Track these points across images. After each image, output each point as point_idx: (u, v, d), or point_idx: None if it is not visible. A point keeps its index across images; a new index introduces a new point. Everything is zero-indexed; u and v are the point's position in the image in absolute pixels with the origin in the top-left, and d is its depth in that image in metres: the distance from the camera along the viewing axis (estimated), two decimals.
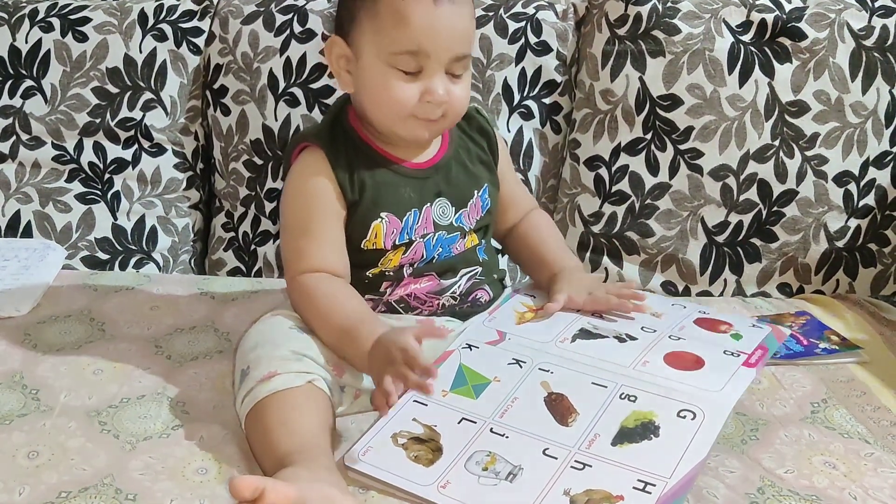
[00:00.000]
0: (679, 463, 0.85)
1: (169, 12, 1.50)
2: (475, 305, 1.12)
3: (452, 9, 0.98)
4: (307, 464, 0.86)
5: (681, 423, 0.89)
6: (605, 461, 0.86)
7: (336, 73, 1.05)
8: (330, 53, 1.04)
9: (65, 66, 1.48)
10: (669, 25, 1.40)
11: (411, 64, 0.98)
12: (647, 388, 0.93)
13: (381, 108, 1.02)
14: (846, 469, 0.95)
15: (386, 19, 0.97)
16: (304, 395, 0.93)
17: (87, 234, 1.46)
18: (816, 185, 1.42)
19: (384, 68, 0.99)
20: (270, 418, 0.92)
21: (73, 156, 1.48)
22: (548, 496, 0.83)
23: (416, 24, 0.96)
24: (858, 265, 1.45)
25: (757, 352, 1.00)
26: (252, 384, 0.94)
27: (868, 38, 1.40)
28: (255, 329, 1.02)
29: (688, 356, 0.98)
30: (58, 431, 0.96)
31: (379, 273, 1.06)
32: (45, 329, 1.19)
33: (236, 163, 1.49)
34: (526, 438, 0.90)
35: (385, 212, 1.04)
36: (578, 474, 0.85)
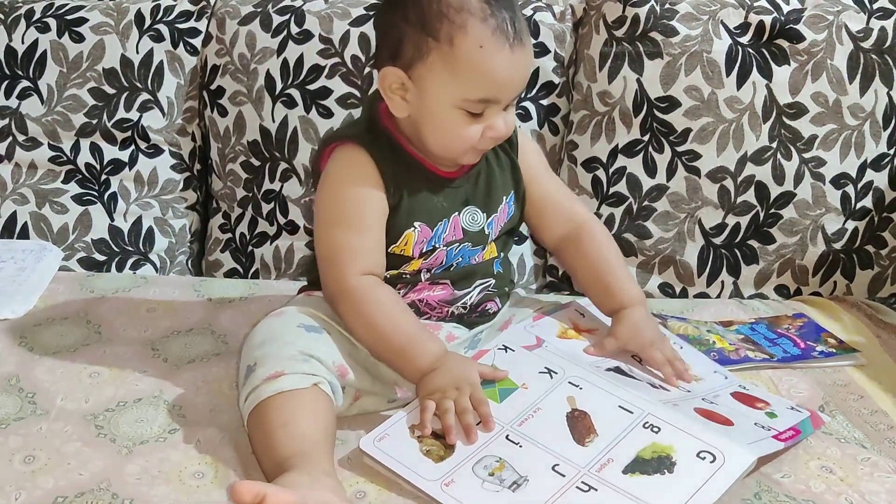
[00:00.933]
0: (686, 503, 0.84)
1: (166, 13, 1.50)
2: (483, 315, 1.12)
3: (525, 55, 0.98)
4: (307, 468, 0.86)
5: (698, 464, 0.87)
6: (612, 488, 0.85)
7: (389, 98, 1.00)
8: (384, 81, 0.99)
9: (61, 67, 1.47)
10: (667, 27, 1.40)
11: (480, 108, 0.98)
12: (674, 421, 0.91)
13: (444, 142, 1.01)
14: (843, 474, 0.95)
15: (463, 69, 0.95)
16: (308, 397, 0.93)
17: (84, 236, 1.46)
18: (814, 188, 1.42)
19: (452, 110, 0.97)
20: (273, 419, 0.91)
21: (69, 157, 1.47)
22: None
23: (496, 76, 0.95)
24: (856, 267, 1.45)
25: (789, 431, 0.96)
26: (257, 382, 0.94)
27: (866, 40, 1.40)
28: (264, 325, 1.01)
29: (718, 416, 0.96)
30: (54, 435, 0.96)
31: (396, 275, 1.06)
32: (42, 332, 1.19)
33: (233, 164, 1.49)
34: (539, 451, 0.89)
35: (419, 221, 1.03)
36: (582, 496, 0.84)
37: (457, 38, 0.94)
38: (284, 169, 1.46)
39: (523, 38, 0.96)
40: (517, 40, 0.95)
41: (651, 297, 1.44)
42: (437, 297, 1.07)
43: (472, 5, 0.94)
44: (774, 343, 1.23)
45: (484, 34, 0.94)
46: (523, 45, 0.96)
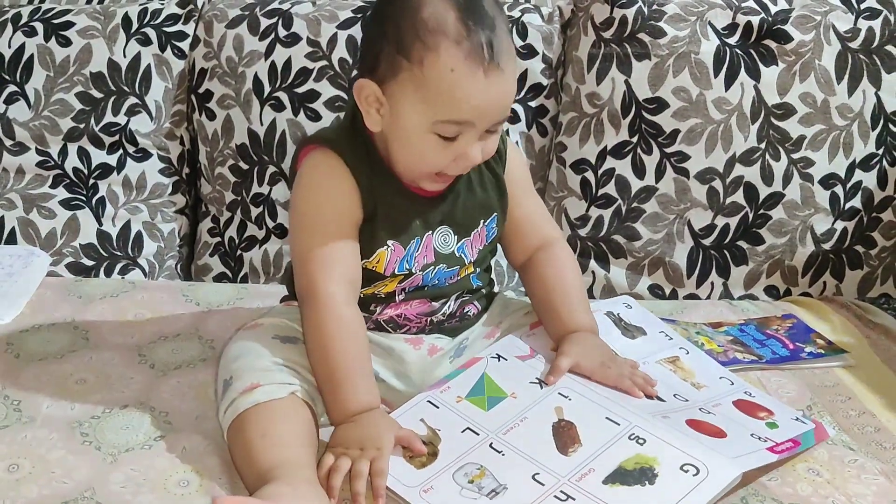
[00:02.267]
0: None
1: (153, 16, 1.50)
2: (464, 319, 1.10)
3: (502, 80, 0.92)
4: (288, 478, 0.85)
5: (680, 477, 0.85)
6: (591, 497, 0.84)
7: (364, 111, 0.96)
8: (359, 93, 0.96)
9: (48, 71, 1.47)
10: (655, 28, 1.40)
11: (453, 132, 0.93)
12: (660, 433, 0.90)
13: (409, 163, 0.97)
14: (830, 476, 0.95)
15: (434, 92, 0.91)
16: (286, 407, 0.93)
17: (72, 241, 1.46)
18: (803, 188, 1.42)
19: (423, 133, 0.93)
20: (252, 431, 0.91)
21: (57, 161, 1.47)
22: None
23: (467, 102, 0.91)
24: (845, 267, 1.46)
25: (787, 443, 0.93)
26: (234, 395, 0.93)
27: (854, 40, 1.40)
28: (238, 338, 1.02)
29: (711, 427, 0.94)
30: (39, 443, 0.96)
31: (371, 294, 1.04)
32: (28, 338, 1.18)
33: (222, 167, 1.49)
34: (520, 459, 0.88)
35: (392, 240, 1.01)
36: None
37: (427, 60, 0.90)
38: (273, 172, 1.46)
39: (501, 62, 0.91)
40: (494, 65, 0.90)
41: (641, 298, 1.43)
42: (416, 310, 1.06)
43: (448, 26, 0.89)
44: (763, 344, 1.23)
45: (456, 58, 0.89)
46: (501, 69, 0.91)
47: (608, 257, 1.45)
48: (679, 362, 1.09)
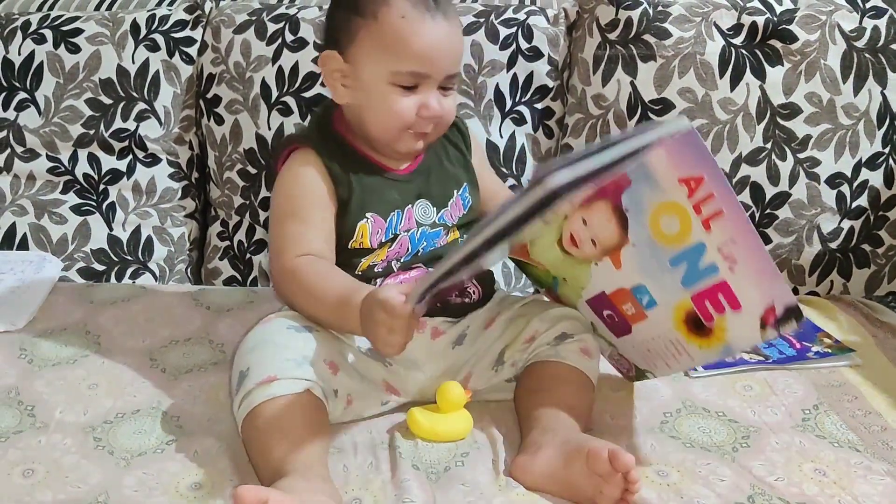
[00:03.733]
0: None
1: (161, 22, 1.51)
2: (464, 297, 1.12)
3: (449, 29, 1.03)
4: (303, 473, 0.87)
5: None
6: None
7: (331, 86, 1.07)
8: (325, 66, 1.07)
9: (58, 78, 1.48)
10: (660, 29, 1.40)
11: (410, 81, 1.02)
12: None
13: (380, 121, 1.05)
14: (836, 476, 0.96)
15: (389, 40, 1.01)
16: (301, 402, 0.94)
17: (83, 246, 1.47)
18: (809, 187, 1.42)
19: (385, 86, 1.03)
20: (267, 424, 0.93)
21: (67, 167, 1.48)
22: None
23: (419, 45, 1.01)
24: (852, 266, 1.46)
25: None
26: (250, 387, 0.95)
27: (859, 39, 1.40)
28: (256, 330, 1.03)
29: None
30: (53, 448, 0.97)
31: (367, 268, 1.07)
32: (41, 343, 1.20)
33: (230, 172, 1.50)
34: None
35: (370, 212, 1.07)
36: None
37: (380, 12, 1.01)
38: None
39: (446, 11, 1.02)
40: (439, 12, 1.01)
41: None
42: (415, 278, 1.08)
43: None
44: (770, 344, 1.23)
45: (405, 5, 1.01)
46: (446, 17, 1.02)
47: None
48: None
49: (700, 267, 0.90)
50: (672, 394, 1.13)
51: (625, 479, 0.88)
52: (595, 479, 0.89)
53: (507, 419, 1.07)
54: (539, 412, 1.01)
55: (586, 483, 0.90)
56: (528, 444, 0.97)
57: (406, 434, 1.02)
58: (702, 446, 1.01)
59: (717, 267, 0.89)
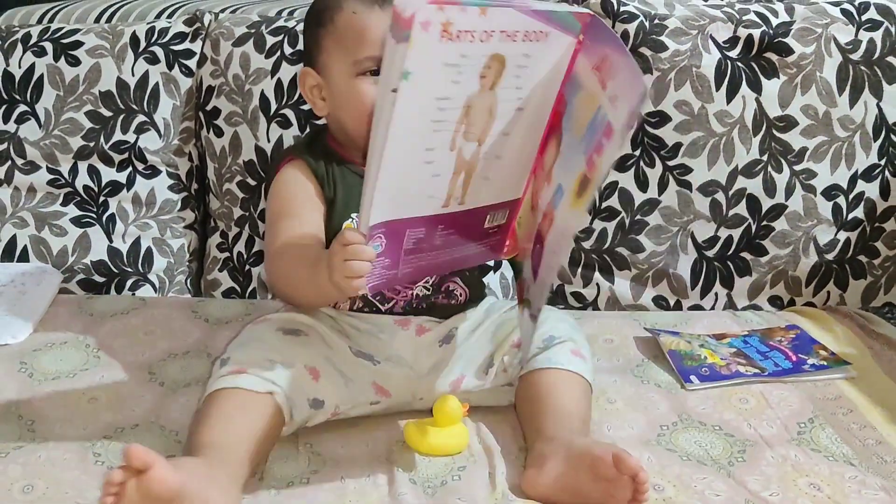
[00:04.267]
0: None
1: (160, 35, 1.51)
2: (450, 298, 1.14)
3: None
4: (214, 461, 0.89)
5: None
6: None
7: (311, 102, 1.14)
8: (303, 85, 1.14)
9: (58, 91, 1.49)
10: (656, 42, 1.41)
11: (372, 65, 1.06)
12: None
13: (353, 114, 1.08)
14: (830, 491, 0.96)
15: (346, 36, 1.07)
16: (256, 402, 0.97)
17: (83, 258, 1.48)
18: (805, 199, 1.42)
19: (351, 80, 1.07)
20: (215, 407, 0.96)
21: (67, 179, 1.49)
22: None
23: (372, 32, 1.05)
24: (849, 277, 1.46)
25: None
26: (221, 374, 0.99)
27: (855, 51, 1.41)
28: (247, 328, 1.09)
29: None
30: (52, 464, 0.98)
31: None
32: (41, 357, 1.20)
33: (230, 183, 1.50)
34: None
35: (355, 213, 1.07)
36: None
37: (336, 16, 1.08)
38: None
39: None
40: (387, 3, 1.04)
41: (645, 310, 1.45)
42: (431, 275, 1.10)
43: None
44: (766, 356, 1.24)
45: (356, 3, 1.07)
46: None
47: (612, 269, 1.46)
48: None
49: (596, 126, 0.89)
50: (669, 406, 1.13)
51: (633, 482, 0.88)
52: (603, 484, 0.90)
53: (504, 429, 1.08)
54: (540, 422, 1.02)
55: (595, 489, 0.91)
56: (534, 457, 0.97)
57: (403, 448, 1.03)
58: (698, 460, 1.02)
59: (607, 114, 0.87)
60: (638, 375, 1.21)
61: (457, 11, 0.80)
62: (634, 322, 1.36)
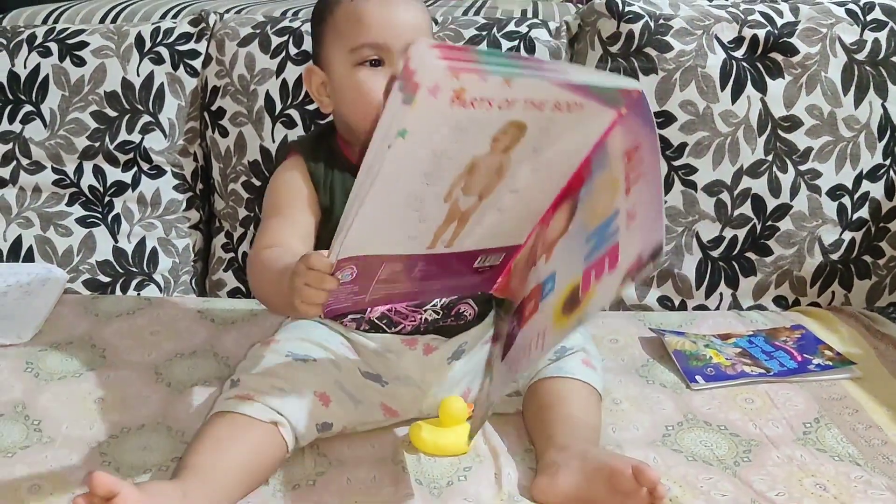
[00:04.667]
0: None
1: (166, 35, 1.51)
2: (459, 320, 1.12)
3: (403, 2, 1.05)
4: (193, 486, 0.88)
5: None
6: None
7: (318, 100, 1.12)
8: (309, 84, 1.12)
9: (63, 91, 1.49)
10: (661, 42, 1.41)
11: (371, 54, 1.03)
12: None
13: (356, 108, 1.06)
14: (836, 491, 0.96)
15: (343, 25, 1.05)
16: (257, 430, 0.95)
17: (89, 258, 1.48)
18: (810, 199, 1.42)
19: (351, 70, 1.05)
20: (213, 431, 0.95)
21: (73, 180, 1.49)
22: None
23: (370, 18, 1.03)
24: (853, 277, 1.46)
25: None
26: (229, 395, 0.98)
27: (860, 51, 1.41)
28: (256, 352, 1.06)
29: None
30: (59, 464, 0.98)
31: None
32: (47, 357, 1.21)
33: (235, 184, 1.51)
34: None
35: None
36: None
37: (334, 7, 1.07)
38: None
39: None
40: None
41: (650, 310, 1.45)
42: (406, 302, 1.08)
43: None
44: (771, 356, 1.24)
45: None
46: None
47: None
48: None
49: (606, 235, 0.79)
50: (674, 407, 1.13)
51: (650, 495, 0.88)
52: (620, 497, 0.89)
53: (510, 431, 1.07)
54: (552, 429, 1.01)
55: (610, 501, 0.90)
56: (546, 465, 0.96)
57: (409, 449, 1.03)
58: (703, 460, 1.02)
59: (619, 229, 0.78)
60: (643, 376, 1.21)
61: (475, 80, 0.70)
62: (639, 322, 1.36)
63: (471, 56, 0.71)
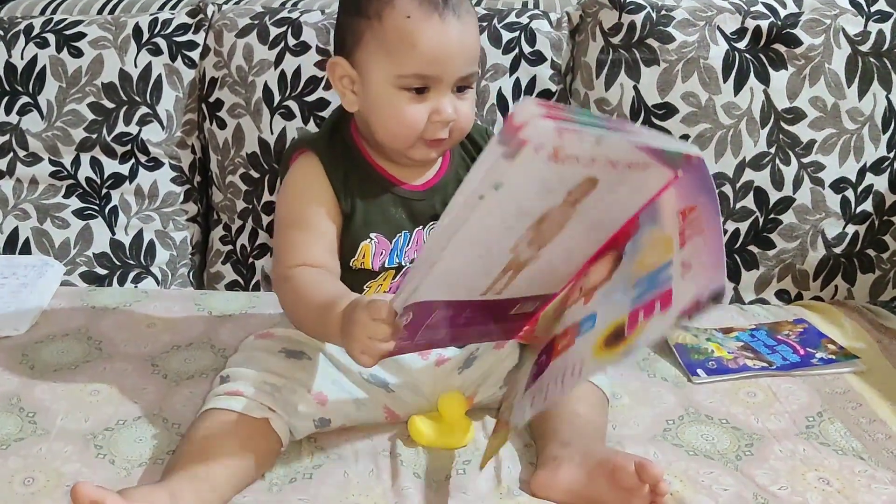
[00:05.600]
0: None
1: (163, 26, 1.50)
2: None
3: (461, 28, 0.95)
4: (181, 486, 0.86)
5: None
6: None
7: (340, 93, 1.02)
8: (333, 74, 1.01)
9: (60, 82, 1.48)
10: (663, 33, 1.39)
11: (418, 83, 0.96)
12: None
13: (390, 130, 0.99)
14: (840, 485, 0.95)
15: (394, 42, 0.95)
16: (249, 426, 0.93)
17: (86, 250, 1.47)
18: (813, 192, 1.41)
19: (392, 90, 0.96)
20: (203, 428, 0.93)
21: (70, 171, 1.48)
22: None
23: (426, 46, 0.94)
24: (857, 271, 1.45)
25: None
26: (219, 392, 0.96)
27: (864, 43, 1.39)
28: (250, 345, 1.05)
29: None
30: (54, 456, 0.97)
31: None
32: (43, 349, 1.20)
33: (233, 176, 1.49)
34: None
35: (374, 232, 1.02)
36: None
37: (384, 12, 0.95)
38: None
39: (457, 9, 0.95)
40: (449, 10, 0.94)
41: None
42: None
43: None
44: (774, 350, 1.23)
45: (411, 4, 0.94)
46: (458, 16, 0.94)
47: None
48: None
49: (658, 281, 0.81)
50: (675, 401, 1.12)
51: (652, 492, 0.86)
52: (621, 493, 0.88)
53: None
54: (555, 424, 0.98)
55: (612, 498, 0.88)
56: (546, 459, 0.95)
57: (407, 441, 1.02)
58: (705, 454, 1.01)
59: (672, 276, 0.79)
60: (644, 369, 1.20)
61: (574, 139, 0.72)
62: None
63: (569, 115, 0.72)
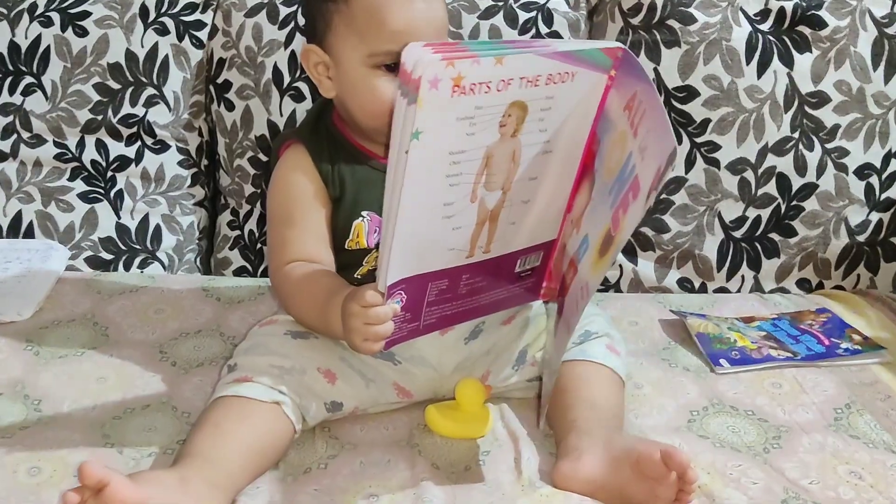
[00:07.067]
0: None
1: (171, 5, 1.47)
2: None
3: (427, 4, 0.97)
4: (192, 472, 0.84)
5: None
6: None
7: (317, 80, 1.03)
8: (307, 62, 1.03)
9: (65, 62, 1.44)
10: (685, 14, 1.36)
11: (389, 60, 0.96)
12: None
13: (367, 109, 1.00)
14: (872, 479, 0.93)
15: (363, 22, 0.96)
16: (259, 411, 0.92)
17: (91, 234, 1.44)
18: (837, 178, 1.38)
19: (366, 70, 0.98)
20: (212, 416, 0.91)
21: (75, 154, 1.45)
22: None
23: (393, 22, 0.95)
24: (880, 259, 1.42)
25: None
26: (228, 380, 0.95)
27: (891, 25, 1.36)
28: (254, 334, 1.04)
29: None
30: (60, 445, 0.94)
31: (367, 273, 1.04)
32: (48, 335, 1.17)
33: (241, 159, 1.46)
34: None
35: (366, 210, 1.02)
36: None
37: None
38: None
39: None
40: None
41: (670, 292, 1.40)
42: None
43: None
44: (797, 340, 1.20)
45: None
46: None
47: (636, 250, 1.41)
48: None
49: (625, 178, 0.83)
50: (699, 391, 1.09)
51: (680, 480, 0.84)
52: (647, 482, 0.85)
53: (529, 415, 1.04)
54: (574, 413, 0.97)
55: (638, 488, 0.86)
56: (567, 450, 0.92)
57: (425, 431, 0.99)
58: (732, 447, 0.98)
59: (635, 165, 0.81)
60: (665, 359, 1.17)
61: (469, 65, 0.74)
62: (659, 304, 1.32)
63: (461, 46, 0.76)
